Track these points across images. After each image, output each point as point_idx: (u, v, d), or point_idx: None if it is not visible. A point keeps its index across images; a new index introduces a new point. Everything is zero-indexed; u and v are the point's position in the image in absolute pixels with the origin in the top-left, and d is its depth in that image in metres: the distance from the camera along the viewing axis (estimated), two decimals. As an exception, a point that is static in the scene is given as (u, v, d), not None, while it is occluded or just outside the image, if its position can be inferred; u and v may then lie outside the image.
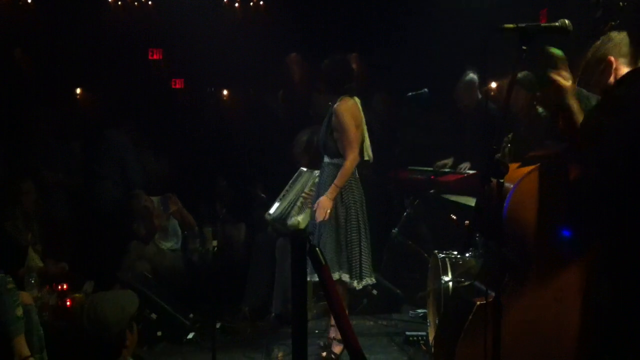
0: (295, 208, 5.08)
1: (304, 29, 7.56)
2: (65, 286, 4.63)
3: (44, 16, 7.58)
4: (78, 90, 7.95)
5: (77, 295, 4.55)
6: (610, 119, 2.82)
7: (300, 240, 2.92)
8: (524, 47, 2.81)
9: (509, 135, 4.90)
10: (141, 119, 7.15)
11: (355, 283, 4.49)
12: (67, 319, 4.33)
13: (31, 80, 7.20)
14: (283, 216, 5.04)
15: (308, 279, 4.26)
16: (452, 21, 6.32)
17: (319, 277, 2.90)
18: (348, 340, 2.69)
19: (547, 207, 3.27)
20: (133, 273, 5.21)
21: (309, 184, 5.11)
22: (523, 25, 2.80)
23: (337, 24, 7.44)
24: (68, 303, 4.43)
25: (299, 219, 4.99)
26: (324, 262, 2.83)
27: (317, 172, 5.08)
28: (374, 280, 4.64)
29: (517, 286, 3.24)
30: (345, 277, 4.44)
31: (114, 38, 7.64)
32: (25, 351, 3.80)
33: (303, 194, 5.08)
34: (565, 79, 3.01)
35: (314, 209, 4.49)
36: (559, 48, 3.27)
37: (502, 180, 2.75)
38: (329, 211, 4.42)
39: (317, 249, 2.87)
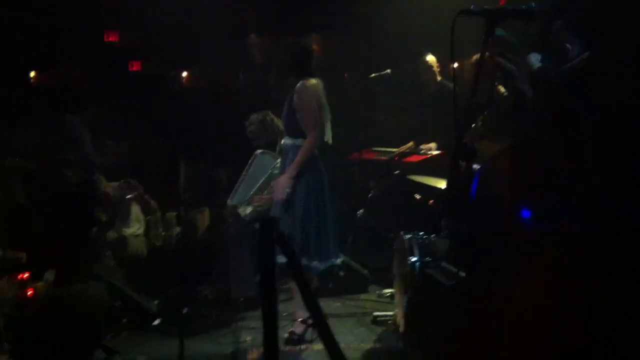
0: (245, 195, 5.08)
1: (267, 8, 7.47)
2: (25, 275, 4.51)
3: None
4: (32, 74, 7.75)
5: (38, 284, 4.44)
6: None
7: (269, 226, 2.90)
8: (492, 31, 2.82)
9: (482, 116, 4.94)
10: (99, 103, 7.02)
11: (316, 263, 4.48)
12: (29, 309, 4.22)
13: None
14: (241, 203, 5.03)
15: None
16: (417, 3, 6.31)
17: (288, 263, 2.88)
18: (318, 321, 2.68)
19: (515, 188, 3.30)
20: (94, 260, 5.12)
21: (267, 174, 5.11)
22: (489, 8, 2.81)
23: (301, 3, 7.36)
24: (29, 293, 4.32)
25: (246, 212, 4.98)
26: (292, 249, 2.83)
27: (276, 162, 5.05)
28: (338, 261, 4.64)
29: (491, 270, 3.26)
30: (312, 262, 4.44)
31: (70, 20, 7.45)
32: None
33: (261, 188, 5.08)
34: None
35: (274, 189, 4.48)
36: (522, 31, 3.30)
37: (471, 164, 2.76)
38: (287, 190, 4.41)
39: (284, 234, 2.86)
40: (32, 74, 7.67)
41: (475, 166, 3.37)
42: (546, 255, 3.21)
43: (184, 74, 8.30)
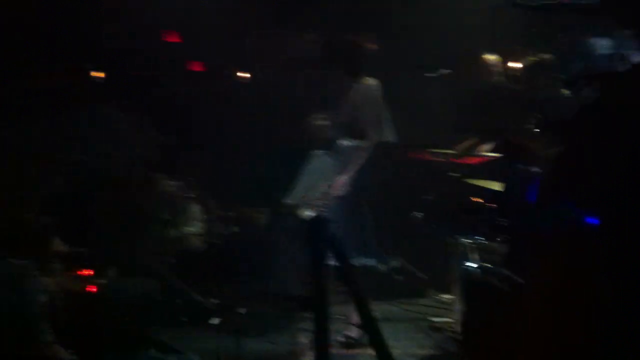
0: (304, 194, 5.07)
1: (322, 8, 7.46)
2: (89, 271, 4.63)
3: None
4: (95, 74, 7.92)
5: (101, 280, 4.55)
6: None
7: (320, 227, 2.89)
8: (541, 26, 2.73)
9: (535, 117, 4.81)
10: (163, 102, 7.14)
11: (379, 265, 4.47)
12: (91, 304, 4.34)
13: (44, 58, 7.16)
14: (300, 203, 5.03)
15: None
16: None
17: (339, 265, 2.87)
18: (369, 326, 2.66)
19: (575, 190, 3.19)
20: (155, 258, 5.21)
21: (324, 171, 5.09)
22: (548, 1, 2.73)
23: (355, 2, 7.32)
24: (92, 289, 4.44)
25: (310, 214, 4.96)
26: (341, 250, 2.82)
27: (328, 157, 5.04)
28: (398, 263, 4.61)
29: (546, 274, 3.18)
30: (372, 262, 4.42)
31: (125, 21, 7.58)
32: (49, 337, 3.82)
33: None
34: None
35: (332, 189, 4.47)
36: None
37: (526, 165, 2.70)
38: (346, 190, 4.40)
39: (335, 236, 2.85)
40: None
41: (533, 169, 3.29)
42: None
43: (241, 73, 8.39)
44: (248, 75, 8.29)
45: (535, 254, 3.11)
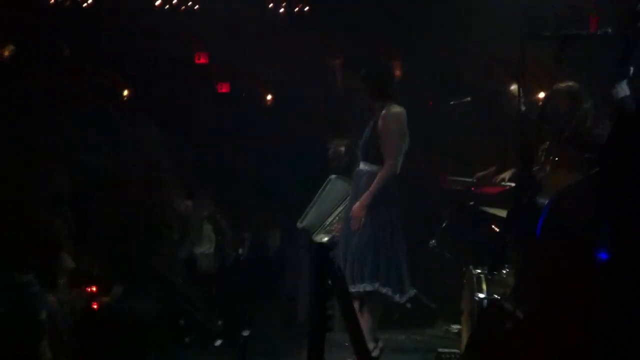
0: (320, 218, 5.02)
1: (349, 33, 7.48)
2: (94, 289, 4.62)
3: (95, 19, 7.69)
4: (125, 92, 8.04)
5: (104, 298, 4.53)
6: None
7: (323, 254, 2.84)
8: (562, 57, 2.68)
9: (546, 145, 4.70)
10: (186, 122, 7.20)
11: (397, 297, 4.38)
12: (94, 322, 4.31)
13: (78, 85, 7.29)
14: (314, 227, 4.97)
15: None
16: (493, 27, 6.15)
17: (337, 295, 2.80)
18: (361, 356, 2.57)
19: (585, 224, 3.09)
20: (163, 277, 5.18)
21: (339, 196, 5.04)
22: (561, 32, 2.67)
23: (382, 29, 7.32)
24: (95, 306, 4.42)
25: (323, 240, 4.91)
26: (342, 278, 2.75)
27: (344, 182, 5.00)
28: (415, 291, 4.52)
29: (550, 307, 3.06)
30: (387, 290, 4.33)
31: (160, 42, 7.69)
32: (49, 354, 3.79)
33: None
34: None
35: (350, 217, 4.40)
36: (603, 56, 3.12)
37: (533, 198, 2.61)
38: (362, 219, 4.33)
39: (337, 264, 2.79)
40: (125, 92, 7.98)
41: (541, 200, 3.19)
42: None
43: (269, 97, 8.44)
44: (269, 97, 8.32)
45: (536, 289, 3.01)
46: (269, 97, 8.47)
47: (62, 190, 5.16)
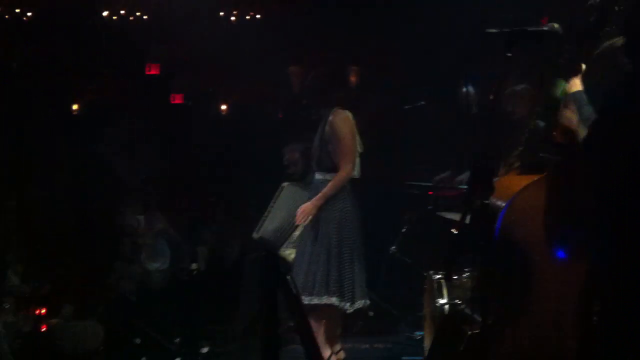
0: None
1: (301, 40, 7.43)
2: (43, 311, 4.44)
3: (42, 31, 7.51)
4: (74, 107, 7.85)
5: (52, 320, 4.35)
6: None
7: (272, 267, 2.75)
8: (508, 54, 2.61)
9: (517, 150, 4.67)
10: (137, 134, 7.05)
11: (347, 305, 4.28)
12: (41, 345, 4.13)
13: (25, 94, 7.10)
14: (270, 238, 4.85)
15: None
16: (449, 28, 6.15)
17: (289, 306, 2.70)
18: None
19: (545, 223, 3.05)
20: (117, 295, 5.02)
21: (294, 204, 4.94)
22: (508, 30, 2.60)
23: (333, 35, 7.29)
24: (42, 329, 4.24)
25: (292, 255, 4.79)
26: (295, 292, 2.66)
27: (299, 190, 4.91)
28: (367, 302, 4.42)
29: (512, 311, 3.01)
30: (335, 301, 4.23)
31: (110, 53, 7.54)
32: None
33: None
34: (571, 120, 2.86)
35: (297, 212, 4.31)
36: (549, 52, 3.08)
37: (486, 201, 2.55)
38: (310, 217, 4.24)
39: (288, 277, 2.69)
40: (74, 107, 7.79)
41: (497, 202, 3.13)
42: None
43: (223, 106, 8.33)
44: (224, 107, 8.22)
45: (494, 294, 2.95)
46: (224, 106, 8.37)
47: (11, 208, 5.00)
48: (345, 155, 4.29)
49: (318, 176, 4.43)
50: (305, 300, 4.18)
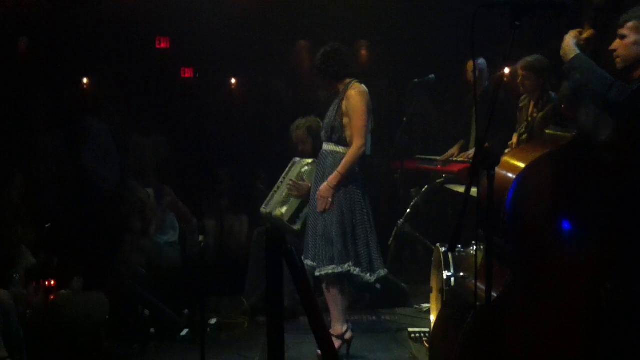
0: (279, 198, 4.89)
1: (313, 15, 7.35)
2: (52, 282, 4.46)
3: (48, 5, 7.46)
4: (85, 80, 7.83)
5: (62, 291, 4.38)
6: None
7: (277, 240, 2.74)
8: (516, 23, 2.57)
9: (525, 123, 4.65)
10: (145, 108, 7.03)
11: (368, 276, 4.29)
12: (49, 316, 4.17)
13: (31, 70, 7.08)
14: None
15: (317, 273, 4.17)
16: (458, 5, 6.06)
17: (293, 280, 2.71)
18: (324, 344, 2.48)
19: (555, 198, 3.04)
20: (126, 268, 5.04)
21: (296, 172, 4.93)
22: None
23: (343, 11, 7.21)
24: (52, 298, 4.27)
25: (282, 211, 4.80)
26: (300, 265, 2.66)
27: (305, 161, 4.89)
28: (386, 271, 4.44)
29: (521, 287, 3.01)
30: (357, 271, 4.24)
31: (119, 27, 7.49)
32: (2, 352, 3.65)
33: (288, 183, 4.89)
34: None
35: (316, 198, 4.30)
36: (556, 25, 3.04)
37: (491, 172, 2.53)
38: (330, 200, 4.23)
39: (292, 249, 2.69)
40: (85, 80, 7.77)
41: (507, 175, 3.12)
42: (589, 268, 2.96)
43: (232, 80, 8.29)
44: (233, 80, 8.18)
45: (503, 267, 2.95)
46: (233, 80, 8.33)
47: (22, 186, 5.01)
48: (360, 129, 4.25)
49: (327, 147, 4.41)
50: (324, 271, 4.21)
